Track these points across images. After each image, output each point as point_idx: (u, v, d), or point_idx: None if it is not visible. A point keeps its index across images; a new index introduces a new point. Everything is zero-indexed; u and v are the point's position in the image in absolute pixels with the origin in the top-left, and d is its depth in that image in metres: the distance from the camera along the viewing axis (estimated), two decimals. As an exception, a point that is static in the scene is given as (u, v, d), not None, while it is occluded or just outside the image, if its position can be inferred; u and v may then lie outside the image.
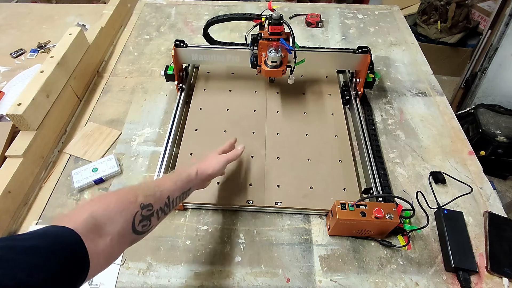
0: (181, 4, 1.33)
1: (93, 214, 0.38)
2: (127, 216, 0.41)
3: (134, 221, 0.41)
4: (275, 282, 0.62)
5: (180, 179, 0.53)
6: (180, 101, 0.88)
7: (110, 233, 0.38)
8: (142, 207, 0.43)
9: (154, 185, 0.48)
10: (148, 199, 0.44)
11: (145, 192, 0.45)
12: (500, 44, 1.56)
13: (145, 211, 0.43)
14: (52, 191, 0.75)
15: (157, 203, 0.46)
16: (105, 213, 0.39)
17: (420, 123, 0.89)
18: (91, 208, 0.39)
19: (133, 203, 0.42)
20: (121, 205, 0.41)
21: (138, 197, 0.43)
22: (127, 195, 0.43)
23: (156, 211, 0.45)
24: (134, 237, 0.43)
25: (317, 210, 0.70)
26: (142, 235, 0.44)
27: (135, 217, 0.41)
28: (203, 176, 0.58)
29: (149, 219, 0.44)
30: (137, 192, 0.44)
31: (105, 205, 0.40)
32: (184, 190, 0.53)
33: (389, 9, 1.32)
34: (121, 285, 0.61)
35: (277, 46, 0.76)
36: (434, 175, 0.76)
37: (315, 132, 0.84)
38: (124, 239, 0.41)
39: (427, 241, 0.67)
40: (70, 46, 0.90)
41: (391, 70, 1.05)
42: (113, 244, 0.39)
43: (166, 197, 0.48)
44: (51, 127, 0.82)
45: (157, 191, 0.47)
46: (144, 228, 0.44)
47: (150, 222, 0.44)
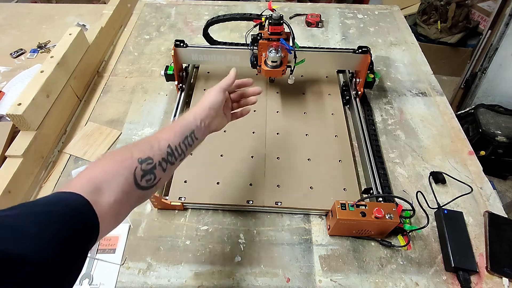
0: (181, 4, 1.33)
1: (91, 179, 0.38)
2: (126, 174, 0.40)
3: (136, 177, 0.41)
4: (275, 282, 0.62)
5: (177, 125, 0.50)
6: (180, 101, 0.88)
7: (113, 193, 0.38)
8: (140, 161, 0.42)
9: (150, 138, 0.47)
10: (146, 153, 0.43)
11: (141, 147, 0.44)
12: (500, 44, 1.56)
13: (145, 165, 0.42)
14: (52, 191, 0.75)
15: (157, 155, 0.44)
16: (102, 176, 0.39)
17: (420, 123, 0.89)
18: (88, 173, 0.39)
19: (129, 159, 0.41)
20: (117, 164, 0.40)
21: (134, 153, 0.42)
22: (122, 153, 0.42)
23: (159, 162, 0.44)
24: (141, 192, 0.42)
25: (317, 210, 0.70)
26: (151, 189, 0.44)
27: (135, 173, 0.41)
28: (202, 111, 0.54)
29: (152, 172, 0.43)
30: (132, 148, 0.43)
31: (101, 168, 0.40)
32: (186, 134, 0.50)
33: (389, 9, 1.32)
34: (121, 285, 0.61)
35: (277, 46, 0.77)
36: (434, 175, 0.76)
37: (315, 132, 0.84)
38: (130, 196, 0.41)
39: (427, 241, 0.67)
40: (70, 46, 0.90)
41: (391, 70, 1.05)
42: (121, 202, 0.39)
43: (166, 146, 0.46)
44: (51, 127, 0.82)
45: (154, 143, 0.45)
46: (149, 183, 0.43)
47: (154, 175, 0.43)
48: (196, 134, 0.52)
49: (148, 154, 0.43)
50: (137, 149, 0.43)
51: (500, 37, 1.55)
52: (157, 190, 0.45)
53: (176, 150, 0.48)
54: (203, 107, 0.55)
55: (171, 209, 0.71)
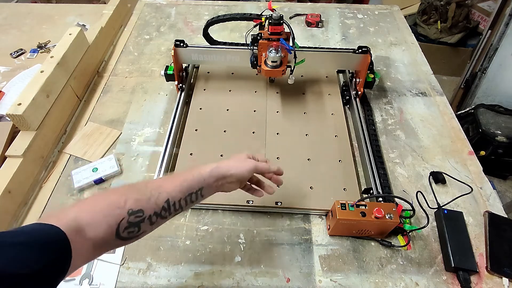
0: (181, 4, 1.33)
1: (77, 218, 0.38)
2: (111, 222, 0.39)
3: (119, 228, 0.40)
4: (275, 282, 0.62)
5: (188, 178, 0.47)
6: (180, 101, 0.88)
7: (92, 237, 0.38)
8: (130, 213, 0.40)
9: (152, 186, 0.44)
10: (139, 204, 0.41)
11: (138, 195, 0.42)
12: (500, 44, 1.56)
13: (133, 217, 0.41)
14: (52, 191, 0.75)
15: (150, 209, 0.42)
16: (89, 217, 0.38)
17: (420, 123, 0.89)
18: (77, 210, 0.39)
19: (120, 208, 0.40)
20: (107, 209, 0.40)
21: (128, 202, 0.41)
22: (116, 198, 0.41)
23: (149, 216, 0.42)
24: (119, 242, 0.41)
25: (317, 210, 0.70)
26: (130, 240, 0.42)
27: (120, 224, 0.40)
28: (220, 175, 0.50)
29: (138, 225, 0.41)
30: (128, 195, 0.41)
31: (90, 208, 0.39)
32: (191, 191, 0.47)
33: (389, 9, 1.32)
34: (121, 285, 0.61)
35: (277, 46, 0.77)
36: (434, 175, 0.76)
37: (315, 132, 0.84)
38: (107, 244, 0.40)
39: (427, 241, 0.67)
40: (70, 46, 0.90)
41: (391, 70, 1.05)
42: (95, 248, 0.39)
43: (165, 201, 0.44)
44: (51, 127, 0.82)
45: (153, 194, 0.43)
46: (130, 234, 0.41)
47: (139, 229, 0.42)
48: (204, 192, 0.49)
49: (141, 206, 0.41)
50: (132, 198, 0.41)
51: (500, 37, 1.55)
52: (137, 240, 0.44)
53: (173, 205, 0.45)
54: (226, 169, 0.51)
55: (171, 209, 0.71)
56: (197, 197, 0.48)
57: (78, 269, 0.62)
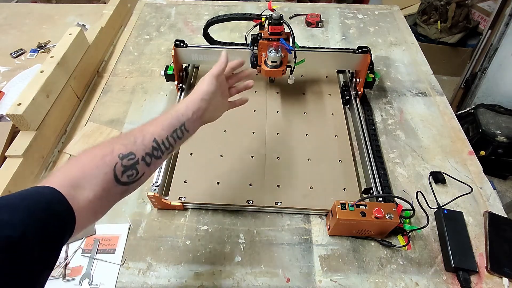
0: (181, 4, 1.33)
1: (68, 176, 0.37)
2: (105, 170, 0.39)
3: (116, 173, 0.40)
4: (275, 282, 0.62)
5: (167, 117, 0.48)
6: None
7: (92, 190, 0.38)
8: (121, 157, 0.41)
9: (135, 132, 0.45)
10: (128, 148, 0.42)
11: (123, 141, 0.42)
12: (500, 44, 1.56)
13: (126, 160, 0.41)
14: (52, 191, 0.75)
15: (140, 150, 0.43)
16: (80, 173, 0.38)
17: (420, 123, 0.89)
18: (66, 170, 0.38)
19: (109, 154, 0.40)
20: (96, 160, 0.39)
21: (115, 148, 0.41)
22: (103, 148, 0.41)
23: (142, 157, 0.43)
24: (122, 188, 0.41)
25: (317, 210, 0.70)
26: (133, 184, 0.42)
27: (116, 169, 0.40)
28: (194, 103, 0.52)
29: (134, 167, 0.42)
30: (113, 143, 0.42)
31: (80, 164, 0.39)
32: (175, 127, 0.48)
33: (389, 9, 1.32)
34: (121, 285, 0.61)
35: (277, 46, 0.77)
36: (434, 175, 0.76)
37: (315, 132, 0.84)
38: (111, 192, 0.40)
39: (427, 241, 0.67)
40: (70, 46, 0.90)
41: (391, 70, 1.05)
42: (100, 198, 0.38)
43: (152, 140, 0.44)
44: (51, 127, 0.82)
45: (137, 136, 0.44)
46: (131, 178, 0.42)
47: (137, 171, 0.42)
48: (187, 126, 0.50)
49: (130, 149, 0.42)
50: (119, 144, 0.42)
51: (500, 37, 1.55)
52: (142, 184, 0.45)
53: (163, 144, 0.46)
54: (195, 97, 0.52)
55: (171, 209, 0.71)
56: (182, 133, 0.49)
57: (78, 269, 0.62)
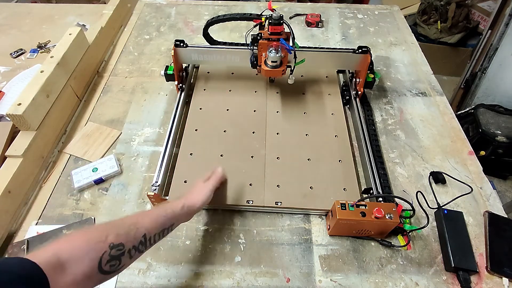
0: (181, 4, 1.33)
1: (57, 253, 0.38)
2: (93, 256, 0.40)
3: (101, 261, 0.40)
4: (275, 282, 0.62)
5: (162, 215, 0.51)
6: (180, 101, 0.88)
7: (73, 273, 0.38)
8: (111, 247, 0.42)
9: (130, 222, 0.47)
10: (120, 238, 0.43)
11: (118, 230, 0.44)
12: (500, 44, 1.56)
13: (115, 250, 0.42)
14: (52, 191, 0.75)
15: (129, 242, 0.44)
16: (70, 253, 0.38)
17: (420, 123, 0.89)
18: (56, 247, 0.39)
19: (101, 242, 0.41)
20: (89, 244, 0.40)
21: (109, 236, 0.42)
22: (97, 234, 0.42)
23: (128, 250, 0.44)
24: (101, 276, 0.42)
25: (317, 210, 0.70)
26: (111, 274, 0.43)
27: (102, 257, 0.41)
28: (190, 210, 0.57)
29: (119, 258, 0.43)
30: (108, 230, 0.43)
31: (71, 245, 0.39)
32: (166, 227, 0.51)
33: (389, 9, 1.32)
34: (121, 285, 0.61)
35: (277, 46, 0.76)
36: (434, 175, 0.76)
37: (315, 132, 0.84)
38: (90, 279, 0.40)
39: (427, 241, 0.67)
40: (70, 46, 0.90)
41: (391, 70, 1.05)
42: (77, 283, 0.39)
43: (142, 235, 0.46)
44: (51, 127, 0.82)
45: (132, 229, 0.45)
46: (112, 268, 0.42)
47: (119, 262, 0.43)
48: (175, 226, 0.54)
49: (121, 240, 0.43)
50: (113, 233, 0.43)
51: (500, 37, 1.55)
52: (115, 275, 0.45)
53: (149, 240, 0.48)
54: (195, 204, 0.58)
55: (171, 209, 0.71)
56: (168, 231, 0.53)
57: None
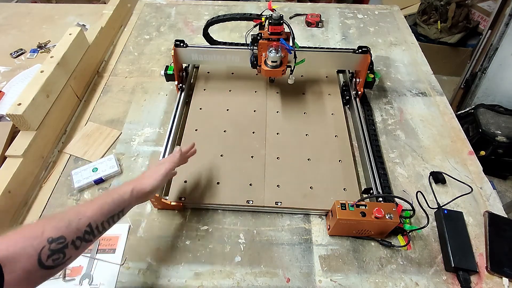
0: (181, 4, 1.33)
1: None
2: (30, 252, 0.38)
3: (41, 257, 0.39)
4: (275, 282, 0.62)
5: (108, 202, 0.49)
6: (180, 101, 0.88)
7: (14, 271, 0.37)
8: (50, 241, 0.40)
9: (71, 213, 0.44)
10: (59, 231, 0.41)
11: (56, 223, 0.42)
12: (500, 44, 1.56)
13: (55, 244, 0.40)
14: (52, 191, 0.75)
15: (72, 234, 0.42)
16: (6, 250, 0.37)
17: (420, 123, 0.89)
18: None
19: (37, 238, 0.39)
20: (24, 240, 0.39)
21: (45, 231, 0.40)
22: (33, 229, 0.40)
23: (72, 241, 0.42)
24: (45, 272, 0.40)
25: (317, 210, 0.70)
26: (58, 267, 0.41)
27: (41, 253, 0.39)
28: (140, 194, 0.54)
29: (62, 251, 0.41)
30: (45, 225, 0.41)
31: (6, 244, 0.38)
32: (114, 213, 0.49)
33: (389, 9, 1.32)
34: (121, 285, 0.61)
35: (277, 46, 0.76)
36: (434, 175, 0.76)
37: (315, 132, 0.84)
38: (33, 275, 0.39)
39: (427, 241, 0.67)
40: (70, 46, 0.90)
41: (391, 70, 1.05)
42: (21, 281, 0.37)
43: (86, 225, 0.44)
44: (51, 127, 0.82)
45: (73, 220, 0.43)
46: (56, 262, 0.41)
47: (64, 254, 0.41)
48: (126, 210, 0.52)
49: (62, 232, 0.41)
50: (50, 226, 0.41)
51: (500, 37, 1.55)
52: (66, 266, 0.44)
53: (97, 228, 0.46)
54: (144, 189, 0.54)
55: (171, 209, 0.71)
56: (119, 217, 0.50)
57: (78, 269, 0.62)
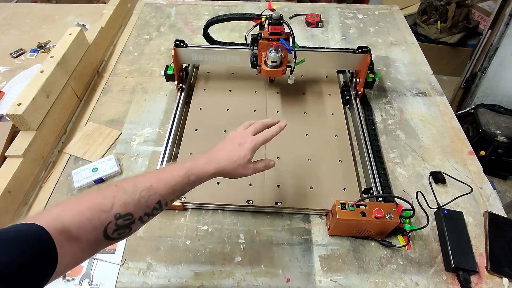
0: (181, 4, 1.33)
1: (60, 217, 0.36)
2: (96, 224, 0.37)
3: (107, 231, 0.38)
4: (275, 282, 0.62)
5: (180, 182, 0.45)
6: (180, 101, 0.88)
7: (79, 239, 0.37)
8: (117, 217, 0.38)
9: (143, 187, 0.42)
10: (127, 208, 0.39)
11: (126, 199, 0.40)
12: (500, 44, 1.56)
13: (122, 220, 0.39)
14: (52, 191, 0.75)
15: (140, 211, 0.41)
16: (73, 219, 0.37)
17: (420, 123, 0.89)
18: (60, 210, 0.37)
19: (105, 212, 0.38)
20: (92, 212, 0.38)
21: (114, 207, 0.38)
22: (102, 202, 0.39)
23: (139, 218, 0.41)
24: (109, 242, 0.40)
25: (317, 210, 0.70)
26: (120, 239, 0.41)
27: (108, 227, 0.38)
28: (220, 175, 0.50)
29: (128, 227, 0.40)
30: (115, 199, 0.39)
31: (74, 211, 0.37)
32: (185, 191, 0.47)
33: (389, 9, 1.32)
34: (121, 285, 0.61)
35: (277, 46, 0.76)
36: (434, 175, 0.76)
37: (315, 132, 0.84)
38: (96, 245, 0.39)
39: (427, 241, 0.67)
40: (70, 46, 0.90)
41: (391, 70, 1.05)
42: (83, 249, 0.37)
43: (156, 202, 0.42)
44: (51, 127, 0.82)
45: (143, 196, 0.41)
46: (121, 235, 0.40)
47: (129, 229, 0.41)
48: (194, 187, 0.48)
49: (130, 210, 0.40)
50: (120, 202, 0.39)
51: (500, 37, 1.55)
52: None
53: (165, 204, 0.44)
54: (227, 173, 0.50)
55: (171, 209, 0.71)
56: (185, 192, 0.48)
57: (78, 269, 0.62)
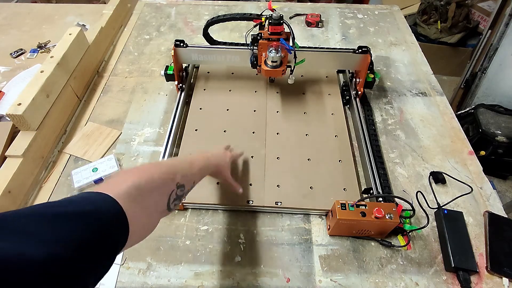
0: (181, 4, 1.33)
1: (136, 184, 0.36)
2: (165, 192, 0.41)
3: (170, 199, 0.41)
4: (275, 282, 0.62)
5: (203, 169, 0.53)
6: (180, 101, 0.88)
7: (149, 206, 0.38)
8: (178, 186, 0.43)
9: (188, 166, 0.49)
10: (183, 180, 0.44)
11: (183, 171, 0.45)
12: (500, 44, 1.56)
13: (179, 191, 0.43)
14: (52, 191, 0.75)
15: (188, 185, 0.46)
16: (147, 185, 0.38)
17: (420, 123, 0.89)
18: (135, 177, 0.37)
19: (172, 180, 0.42)
20: (162, 180, 0.41)
21: (177, 176, 0.43)
22: (169, 170, 0.43)
23: (186, 192, 0.46)
24: (166, 213, 0.42)
25: (317, 210, 0.70)
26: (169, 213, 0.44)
27: (171, 195, 0.42)
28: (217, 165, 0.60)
29: (180, 199, 0.44)
30: (177, 169, 0.44)
31: (148, 176, 0.38)
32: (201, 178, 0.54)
33: (389, 9, 1.32)
34: (121, 285, 0.61)
35: (277, 46, 0.76)
36: (434, 175, 0.76)
37: (315, 132, 0.84)
38: (159, 214, 0.41)
39: (427, 241, 0.67)
40: (70, 46, 0.90)
41: (391, 70, 1.05)
42: (151, 216, 0.39)
43: (193, 181, 0.49)
44: (51, 127, 0.82)
45: (189, 173, 0.47)
46: (175, 207, 0.44)
47: (180, 202, 0.45)
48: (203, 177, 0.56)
49: (184, 181, 0.45)
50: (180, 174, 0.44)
51: (500, 37, 1.55)
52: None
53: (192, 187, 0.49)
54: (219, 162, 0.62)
55: (171, 209, 0.71)
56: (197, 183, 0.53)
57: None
